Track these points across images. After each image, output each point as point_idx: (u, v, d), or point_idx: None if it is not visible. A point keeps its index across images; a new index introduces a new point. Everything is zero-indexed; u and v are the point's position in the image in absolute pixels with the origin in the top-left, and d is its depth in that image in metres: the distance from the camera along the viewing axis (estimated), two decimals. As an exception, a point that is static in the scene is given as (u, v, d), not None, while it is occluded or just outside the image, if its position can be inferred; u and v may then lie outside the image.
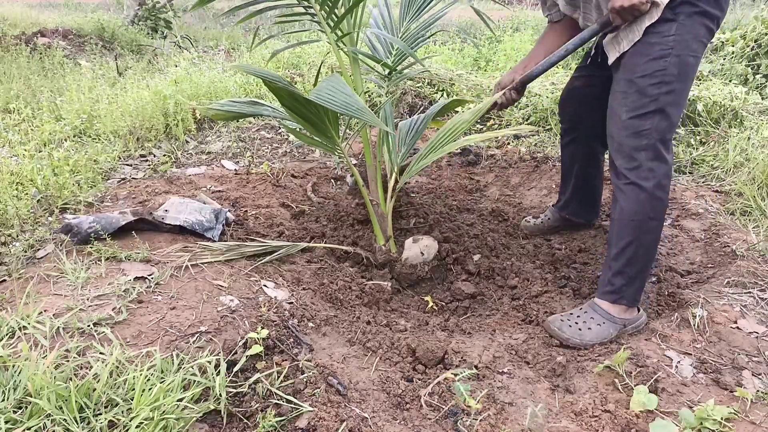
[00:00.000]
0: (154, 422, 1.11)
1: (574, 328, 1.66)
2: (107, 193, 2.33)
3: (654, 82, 1.59)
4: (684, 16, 1.56)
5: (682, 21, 1.56)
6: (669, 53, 1.58)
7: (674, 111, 1.62)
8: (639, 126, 1.61)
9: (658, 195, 1.61)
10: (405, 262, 2.07)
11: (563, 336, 1.65)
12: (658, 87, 1.59)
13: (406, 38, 2.03)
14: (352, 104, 1.49)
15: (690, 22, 1.57)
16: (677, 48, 1.57)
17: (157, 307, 1.53)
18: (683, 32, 1.57)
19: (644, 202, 1.62)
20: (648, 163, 1.61)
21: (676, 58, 1.57)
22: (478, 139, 2.00)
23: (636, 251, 1.65)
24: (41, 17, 7.46)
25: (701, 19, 1.57)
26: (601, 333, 1.65)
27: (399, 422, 1.31)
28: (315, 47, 4.97)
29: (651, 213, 1.62)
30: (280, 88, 1.64)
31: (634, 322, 1.69)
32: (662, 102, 1.59)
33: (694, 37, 1.57)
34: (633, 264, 1.66)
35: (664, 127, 1.60)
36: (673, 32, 1.57)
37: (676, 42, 1.57)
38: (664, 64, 1.58)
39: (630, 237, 1.65)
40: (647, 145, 1.60)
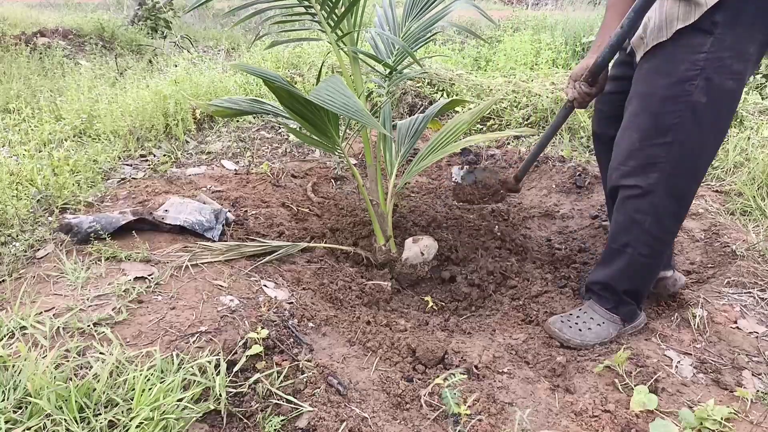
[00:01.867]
0: (154, 422, 1.11)
1: (575, 329, 1.66)
2: (107, 193, 2.33)
3: (672, 108, 1.34)
4: (722, 26, 1.24)
5: (720, 33, 1.25)
6: (698, 75, 1.29)
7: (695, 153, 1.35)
8: (647, 157, 1.42)
9: (656, 234, 1.49)
10: (405, 262, 2.07)
11: (564, 337, 1.65)
12: (677, 115, 1.33)
13: (407, 38, 2.03)
14: (351, 106, 1.49)
15: (731, 35, 1.24)
16: (708, 68, 1.28)
17: (157, 307, 1.53)
18: (719, 48, 1.26)
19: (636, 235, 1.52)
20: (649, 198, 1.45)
21: (705, 82, 1.29)
22: (479, 139, 2.00)
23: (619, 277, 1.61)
24: (41, 17, 7.45)
25: (744, 30, 1.24)
26: (602, 333, 1.64)
27: (399, 422, 1.31)
28: (315, 47, 4.96)
29: (643, 250, 1.54)
30: (280, 88, 1.64)
31: (633, 322, 1.68)
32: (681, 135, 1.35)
33: (734, 55, 1.25)
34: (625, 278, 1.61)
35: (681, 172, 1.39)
36: (706, 48, 1.27)
37: (708, 61, 1.27)
38: (689, 87, 1.30)
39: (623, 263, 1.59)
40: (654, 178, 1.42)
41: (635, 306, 1.66)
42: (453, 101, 2.38)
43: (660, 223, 1.48)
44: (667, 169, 1.39)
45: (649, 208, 1.46)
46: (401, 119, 2.39)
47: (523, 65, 4.81)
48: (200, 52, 5.49)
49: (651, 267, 1.59)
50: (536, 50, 5.10)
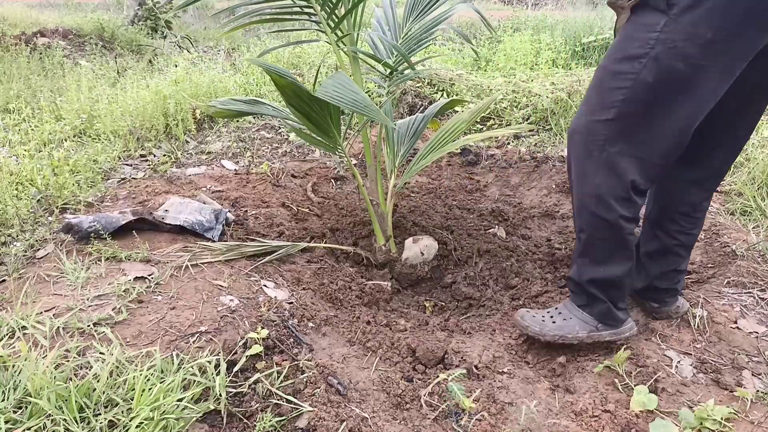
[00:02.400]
0: (154, 422, 1.11)
1: (537, 318, 1.59)
2: (107, 193, 2.33)
3: (621, 85, 1.29)
4: (679, 8, 1.19)
5: (675, 15, 1.20)
6: (647, 54, 1.24)
7: (640, 135, 1.30)
8: (592, 132, 1.36)
9: (600, 213, 1.40)
10: (405, 262, 2.07)
11: (522, 324, 1.59)
12: (624, 93, 1.29)
13: (408, 39, 2.03)
14: (360, 101, 1.48)
15: (687, 17, 1.19)
16: (658, 47, 1.22)
17: (157, 307, 1.53)
18: (673, 29, 1.20)
19: (586, 219, 1.45)
20: (588, 178, 1.39)
21: (653, 62, 1.23)
22: (478, 138, 2.00)
23: (581, 265, 1.51)
24: (41, 17, 7.45)
25: (703, 14, 1.17)
26: (564, 327, 1.54)
27: (399, 422, 1.31)
28: (315, 47, 4.96)
29: (596, 233, 1.45)
30: (287, 84, 1.62)
31: (613, 328, 1.55)
32: (622, 114, 1.29)
33: (687, 38, 1.19)
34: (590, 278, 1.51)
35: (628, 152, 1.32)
36: (660, 27, 1.22)
37: (659, 41, 1.22)
38: (638, 66, 1.25)
39: (580, 249, 1.50)
40: (592, 156, 1.36)
41: (608, 304, 1.52)
42: (452, 101, 2.38)
43: (605, 205, 1.38)
44: (607, 147, 1.33)
45: (593, 188, 1.39)
46: (401, 119, 2.39)
47: (523, 65, 4.81)
48: (200, 52, 5.49)
49: (611, 250, 1.46)
50: (536, 50, 5.10)
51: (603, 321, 1.54)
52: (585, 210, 1.44)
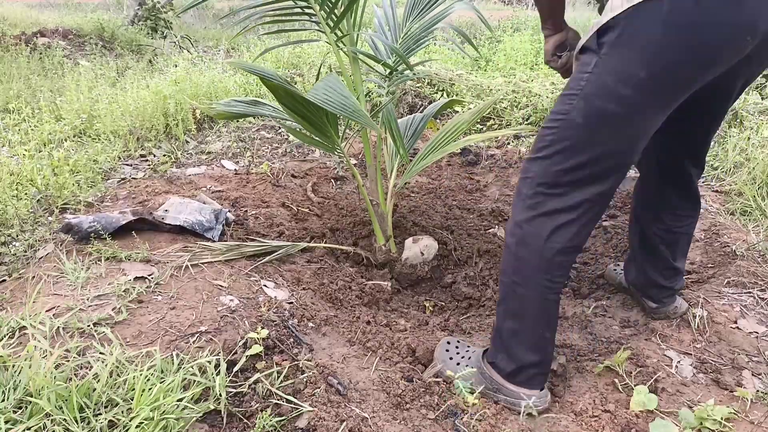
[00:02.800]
0: (154, 422, 1.11)
1: (446, 354, 1.53)
2: (107, 193, 2.33)
3: (553, 125, 1.23)
4: (608, 46, 1.12)
5: (605, 54, 1.13)
6: (576, 94, 1.18)
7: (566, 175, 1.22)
8: (525, 171, 1.31)
9: (522, 255, 1.31)
10: (405, 262, 2.07)
11: (435, 356, 1.55)
12: (553, 132, 1.23)
13: (408, 39, 2.03)
14: (348, 105, 1.49)
15: (616, 56, 1.12)
16: (588, 88, 1.16)
17: (157, 307, 1.53)
18: (603, 69, 1.14)
19: (507, 262, 1.35)
20: (518, 214, 1.31)
21: (583, 102, 1.17)
22: (479, 138, 2.00)
23: (505, 317, 1.39)
24: (41, 17, 7.46)
25: (634, 54, 1.09)
26: (464, 377, 1.43)
27: (399, 422, 1.31)
28: (315, 47, 4.97)
29: (513, 275, 1.34)
30: (278, 87, 1.64)
31: (511, 396, 1.38)
32: (551, 152, 1.23)
33: (619, 78, 1.12)
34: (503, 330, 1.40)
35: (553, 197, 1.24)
36: (591, 68, 1.16)
37: (590, 81, 1.16)
38: (568, 106, 1.20)
39: (501, 296, 1.39)
40: (522, 195, 1.30)
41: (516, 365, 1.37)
42: (451, 101, 2.38)
43: (527, 245, 1.30)
44: (534, 186, 1.28)
45: (515, 228, 1.32)
46: (401, 119, 2.38)
47: (523, 65, 4.81)
48: (200, 52, 5.49)
49: (526, 299, 1.33)
50: (536, 50, 5.10)
51: (500, 371, 1.42)
52: (507, 251, 1.35)
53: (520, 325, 1.36)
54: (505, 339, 1.39)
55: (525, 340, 1.36)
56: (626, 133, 1.19)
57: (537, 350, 1.36)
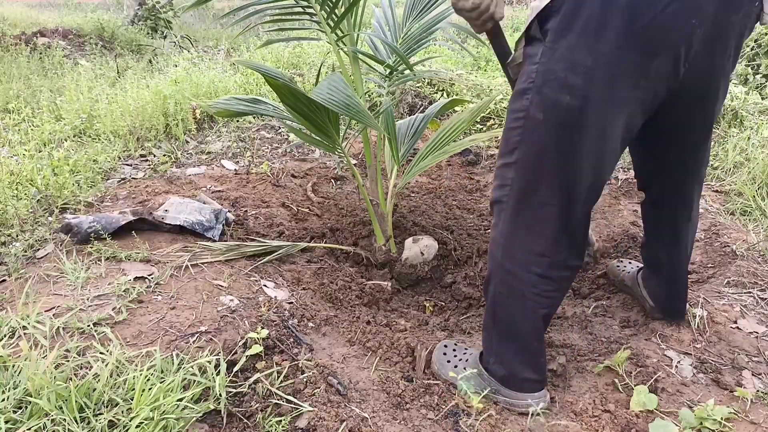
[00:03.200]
0: (154, 422, 1.11)
1: (444, 358, 1.51)
2: (107, 193, 2.33)
3: (516, 124, 1.17)
4: (553, 33, 1.06)
5: (550, 42, 1.07)
6: (530, 88, 1.12)
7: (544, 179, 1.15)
8: (500, 178, 1.24)
9: (508, 267, 1.26)
10: (405, 262, 2.07)
11: (432, 360, 1.53)
12: (519, 133, 1.16)
13: (408, 39, 2.03)
14: (353, 105, 1.49)
15: (563, 43, 1.05)
16: (539, 80, 1.10)
17: (157, 307, 1.53)
18: (551, 58, 1.08)
19: (492, 271, 1.31)
20: (502, 225, 1.25)
21: (538, 97, 1.11)
22: (479, 138, 2.00)
23: (492, 326, 1.37)
24: (41, 17, 7.46)
25: (578, 39, 1.03)
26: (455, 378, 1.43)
27: (399, 422, 1.31)
28: (315, 47, 4.96)
29: (499, 288, 1.30)
30: (281, 85, 1.64)
31: (510, 397, 1.37)
32: (521, 155, 1.17)
33: (567, 66, 1.06)
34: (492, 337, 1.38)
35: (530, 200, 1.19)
36: (538, 58, 1.09)
37: (539, 73, 1.10)
38: (526, 102, 1.13)
39: (488, 306, 1.36)
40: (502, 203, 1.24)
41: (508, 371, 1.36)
42: (453, 101, 2.38)
43: (510, 256, 1.25)
44: (513, 193, 1.21)
45: (499, 237, 1.26)
46: (401, 119, 2.39)
47: (523, 65, 4.80)
48: (200, 52, 5.49)
49: (513, 310, 1.30)
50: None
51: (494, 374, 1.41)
52: (493, 260, 1.30)
53: (509, 335, 1.34)
54: (495, 347, 1.38)
55: (516, 350, 1.35)
56: (590, 131, 1.10)
57: (528, 360, 1.35)
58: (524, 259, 1.24)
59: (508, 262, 1.26)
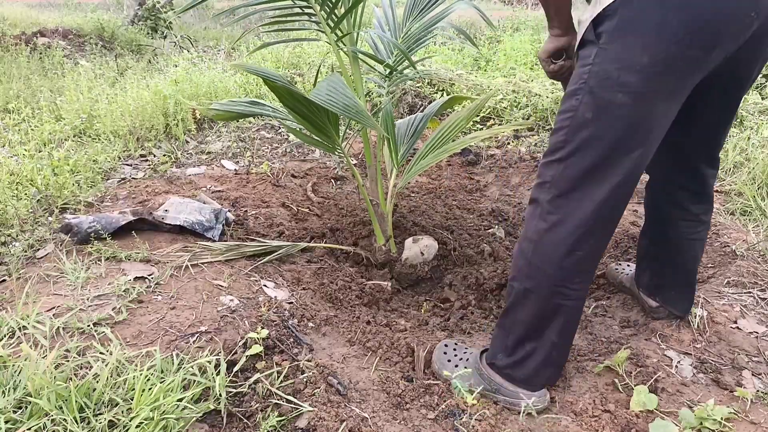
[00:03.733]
0: (154, 422, 1.11)
1: (444, 357, 1.52)
2: (107, 193, 2.33)
3: (563, 124, 1.20)
4: (608, 35, 1.09)
5: (604, 43, 1.10)
6: (581, 88, 1.15)
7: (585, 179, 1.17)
8: (542, 175, 1.26)
9: (537, 263, 1.27)
10: (405, 262, 2.07)
11: (433, 359, 1.54)
12: (565, 132, 1.19)
13: (407, 38, 2.03)
14: (352, 106, 1.49)
15: (618, 44, 1.09)
16: (591, 81, 1.13)
17: (157, 307, 1.53)
18: (604, 58, 1.11)
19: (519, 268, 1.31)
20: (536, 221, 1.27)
21: (589, 96, 1.13)
22: (479, 137, 2.00)
23: (513, 323, 1.37)
24: (41, 17, 7.46)
25: (634, 39, 1.06)
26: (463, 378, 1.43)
27: (399, 422, 1.31)
28: (315, 47, 4.96)
29: (526, 281, 1.30)
30: (280, 87, 1.64)
31: (510, 396, 1.38)
32: (566, 153, 1.19)
33: (622, 66, 1.09)
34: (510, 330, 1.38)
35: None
36: (591, 60, 1.13)
37: (592, 73, 1.13)
38: (575, 102, 1.16)
39: (510, 302, 1.36)
40: (539, 201, 1.26)
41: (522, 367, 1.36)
42: (453, 98, 2.37)
43: (542, 253, 1.26)
44: (552, 191, 1.23)
45: (534, 234, 1.27)
46: (401, 119, 2.39)
47: (523, 65, 4.81)
48: (200, 52, 5.49)
49: (537, 309, 1.31)
50: (536, 50, 5.09)
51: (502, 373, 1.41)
52: (522, 257, 1.31)
53: (531, 332, 1.34)
54: (509, 343, 1.37)
55: (535, 348, 1.34)
56: (638, 125, 1.13)
57: (545, 357, 1.35)
58: (555, 255, 1.25)
59: (538, 258, 1.27)
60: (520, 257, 1.32)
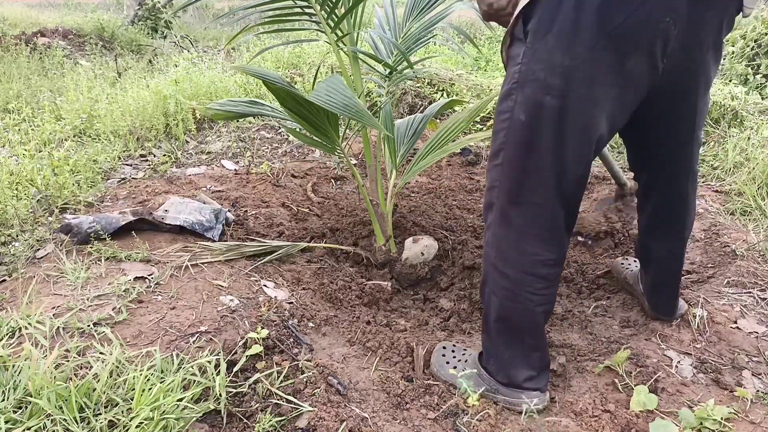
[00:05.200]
0: (154, 422, 1.11)
1: (443, 359, 1.51)
2: (107, 193, 2.33)
3: (501, 126, 1.18)
4: (533, 34, 1.07)
5: (530, 42, 1.07)
6: (514, 89, 1.13)
7: (527, 181, 1.16)
8: (489, 180, 1.25)
9: (501, 268, 1.28)
10: (405, 262, 2.07)
11: (431, 361, 1.54)
12: (504, 134, 1.17)
13: (407, 38, 2.03)
14: (352, 106, 1.48)
15: (542, 44, 1.06)
16: (521, 81, 1.10)
17: (157, 307, 1.53)
18: (531, 58, 1.08)
19: (487, 273, 1.32)
20: (494, 226, 1.26)
21: (522, 97, 1.11)
22: (479, 138, 2.00)
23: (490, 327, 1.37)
24: (41, 17, 7.46)
25: (555, 40, 1.04)
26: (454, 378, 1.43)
27: (399, 422, 1.31)
28: (315, 47, 4.96)
29: (494, 289, 1.31)
30: (280, 89, 1.64)
31: (510, 396, 1.38)
32: (506, 156, 1.18)
33: (546, 67, 1.06)
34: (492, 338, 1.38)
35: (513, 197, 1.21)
36: (520, 59, 1.10)
37: (521, 73, 1.10)
38: (511, 103, 1.14)
39: (485, 306, 1.37)
40: (492, 206, 1.25)
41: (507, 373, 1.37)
42: (452, 101, 2.38)
43: (503, 257, 1.26)
44: (501, 195, 1.23)
45: (491, 238, 1.28)
46: (401, 119, 2.39)
47: (523, 65, 4.80)
48: (200, 52, 5.49)
49: (510, 311, 1.30)
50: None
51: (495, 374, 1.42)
52: (487, 261, 1.32)
53: (507, 335, 1.35)
54: (494, 348, 1.39)
55: (514, 350, 1.35)
56: (572, 129, 1.11)
57: (528, 360, 1.35)
58: (516, 259, 1.25)
59: (501, 263, 1.28)
60: (485, 262, 1.33)
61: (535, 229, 1.22)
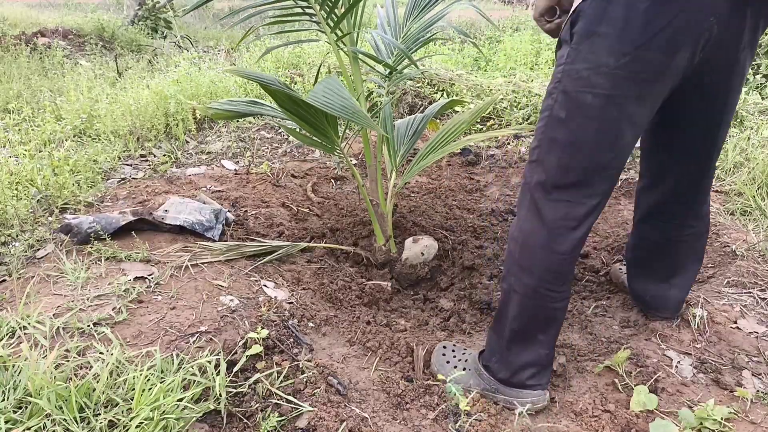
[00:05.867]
0: (154, 422, 1.11)
1: (443, 359, 1.52)
2: (107, 193, 2.33)
3: (540, 124, 1.22)
4: (578, 36, 1.12)
5: (575, 44, 1.12)
6: (556, 88, 1.18)
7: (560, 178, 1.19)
8: (526, 175, 1.29)
9: (524, 263, 1.29)
10: (405, 262, 2.07)
11: (431, 361, 1.55)
12: (542, 131, 1.22)
13: (407, 38, 2.03)
14: (349, 107, 1.48)
15: (587, 45, 1.10)
16: (565, 80, 1.15)
17: (157, 307, 1.53)
18: (575, 59, 1.13)
19: (508, 270, 1.33)
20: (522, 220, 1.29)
21: (563, 96, 1.16)
22: (479, 138, 2.00)
23: (502, 322, 1.38)
24: (41, 17, 7.46)
25: (601, 40, 1.08)
26: (462, 379, 1.44)
27: (399, 422, 1.31)
28: (315, 47, 4.96)
29: (516, 284, 1.31)
30: (277, 91, 1.64)
31: (510, 395, 1.39)
32: (542, 153, 1.22)
33: (590, 67, 1.10)
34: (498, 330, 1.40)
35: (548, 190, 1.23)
36: (564, 60, 1.15)
37: (565, 73, 1.15)
38: (551, 102, 1.19)
39: (502, 301, 1.38)
40: (525, 200, 1.28)
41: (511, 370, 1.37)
42: (452, 101, 2.38)
43: (528, 254, 1.28)
44: (533, 190, 1.25)
45: (518, 234, 1.30)
46: (401, 120, 2.39)
47: (523, 65, 4.81)
48: (200, 52, 5.49)
49: (530, 308, 1.31)
50: (536, 50, 5.10)
51: (495, 373, 1.42)
52: (510, 257, 1.33)
53: (520, 332, 1.35)
54: (502, 346, 1.39)
55: (523, 348, 1.35)
56: (610, 127, 1.15)
57: (535, 357, 1.36)
58: (540, 255, 1.27)
59: (526, 259, 1.29)
60: (508, 258, 1.34)
61: (562, 226, 1.24)
